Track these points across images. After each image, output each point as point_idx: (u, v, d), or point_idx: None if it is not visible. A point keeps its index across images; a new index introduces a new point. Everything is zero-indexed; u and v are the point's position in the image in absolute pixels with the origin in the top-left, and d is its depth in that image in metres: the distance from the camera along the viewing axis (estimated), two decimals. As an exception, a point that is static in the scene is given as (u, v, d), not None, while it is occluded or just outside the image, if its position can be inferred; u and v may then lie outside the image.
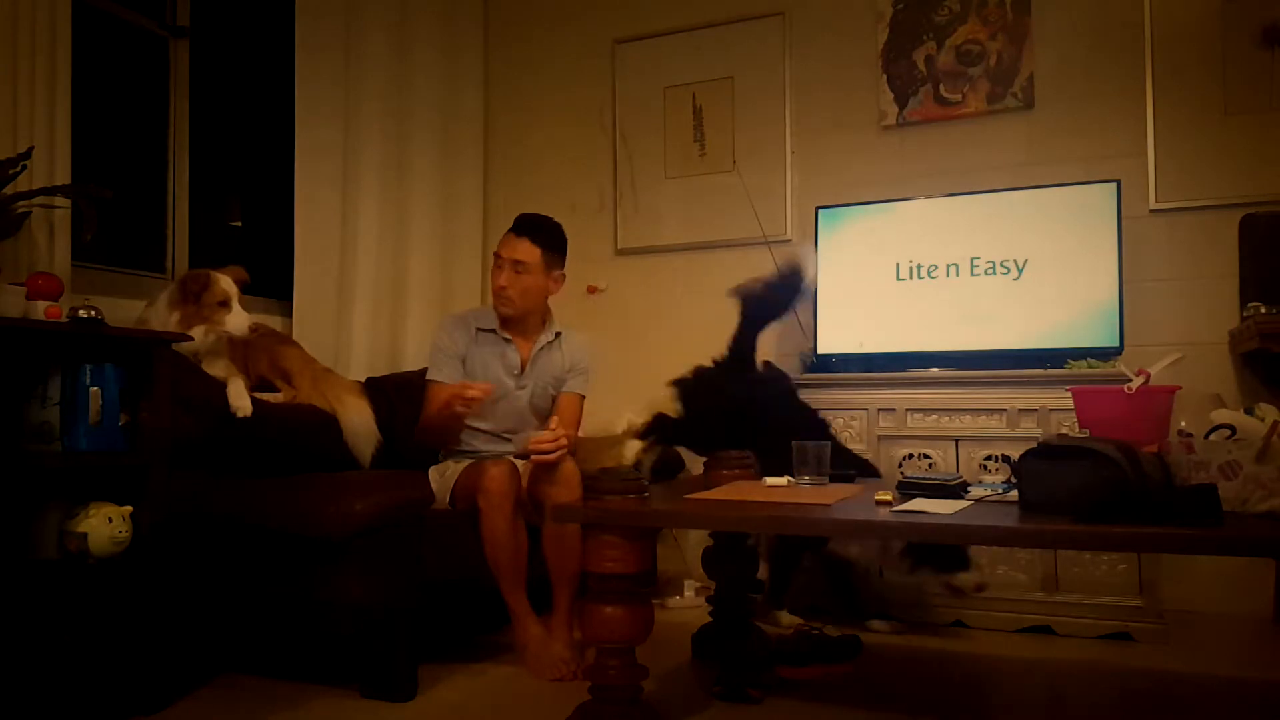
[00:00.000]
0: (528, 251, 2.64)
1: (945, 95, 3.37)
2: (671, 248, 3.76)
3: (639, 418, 3.06)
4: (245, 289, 2.54)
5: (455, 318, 2.75)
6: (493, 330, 2.68)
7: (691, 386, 2.89)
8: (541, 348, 2.71)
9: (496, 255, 2.66)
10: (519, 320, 2.70)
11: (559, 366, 2.74)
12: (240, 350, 2.59)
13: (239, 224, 3.55)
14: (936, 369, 3.01)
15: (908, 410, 2.96)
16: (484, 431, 2.70)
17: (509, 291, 2.64)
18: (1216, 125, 3.03)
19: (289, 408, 2.60)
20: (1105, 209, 2.90)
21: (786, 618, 2.78)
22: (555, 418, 2.54)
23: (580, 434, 2.83)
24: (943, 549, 2.43)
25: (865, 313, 3.16)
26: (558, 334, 2.75)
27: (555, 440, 2.39)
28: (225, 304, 2.39)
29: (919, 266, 3.11)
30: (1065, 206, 2.95)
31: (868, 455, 2.98)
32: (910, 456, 2.94)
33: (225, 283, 2.41)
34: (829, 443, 2.28)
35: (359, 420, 2.69)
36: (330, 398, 2.68)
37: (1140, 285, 3.06)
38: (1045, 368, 2.85)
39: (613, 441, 2.96)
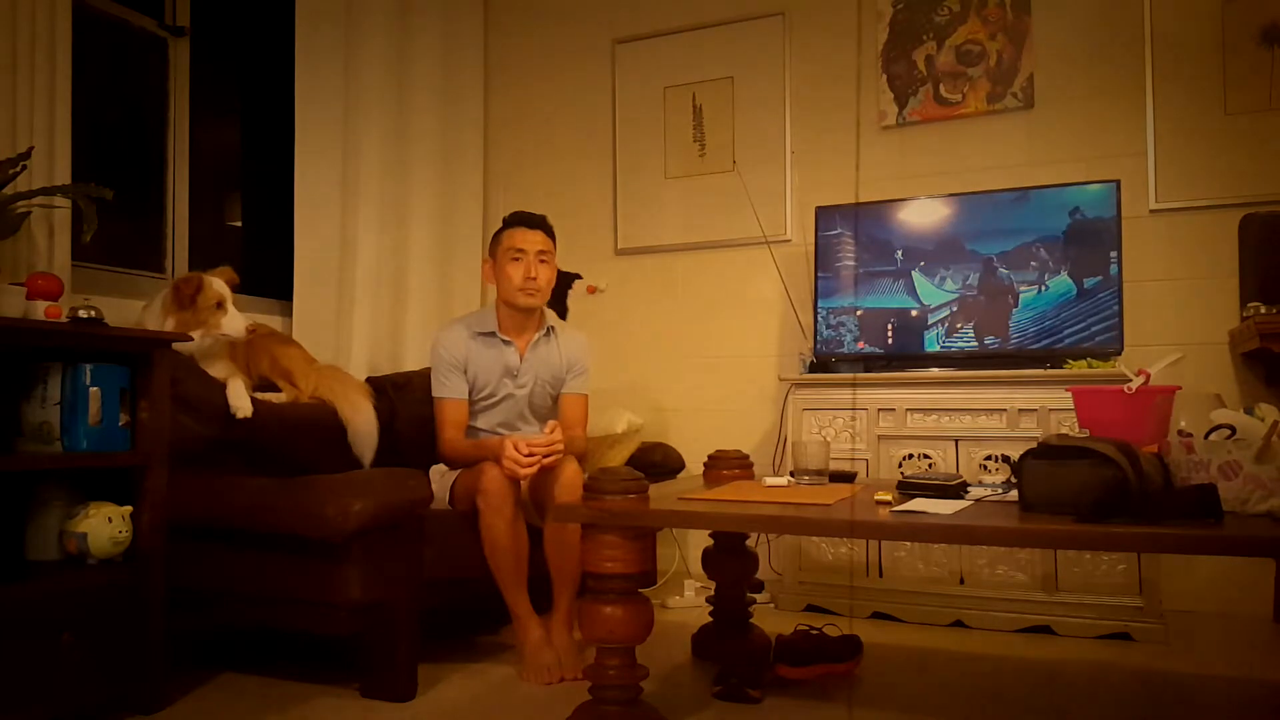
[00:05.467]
0: (546, 242, 2.67)
1: (945, 95, 3.37)
2: (671, 248, 3.76)
3: (639, 418, 3.07)
4: (243, 289, 2.54)
5: (449, 328, 2.72)
6: (491, 333, 2.68)
7: None
8: (536, 343, 2.71)
9: (515, 249, 2.63)
10: (530, 314, 2.70)
11: (556, 365, 2.74)
12: (241, 350, 2.59)
13: (239, 224, 3.55)
14: (936, 369, 3.01)
15: (908, 410, 2.96)
16: (483, 431, 2.70)
17: (540, 282, 2.64)
18: (1216, 125, 3.03)
19: (290, 408, 2.60)
20: (1105, 209, 2.90)
21: None
22: (553, 421, 2.53)
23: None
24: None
25: (865, 312, 3.16)
26: (550, 328, 2.75)
27: (549, 444, 2.38)
28: (221, 306, 2.39)
29: (919, 267, 3.11)
30: (1065, 206, 2.95)
31: (868, 455, 2.99)
32: (910, 456, 2.94)
33: (218, 285, 2.41)
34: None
35: (364, 422, 2.69)
36: (339, 397, 2.68)
37: (1140, 285, 3.06)
38: (1045, 368, 2.85)
39: (613, 441, 2.96)
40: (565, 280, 3.10)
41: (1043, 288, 2.96)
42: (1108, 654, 2.55)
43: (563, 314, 3.02)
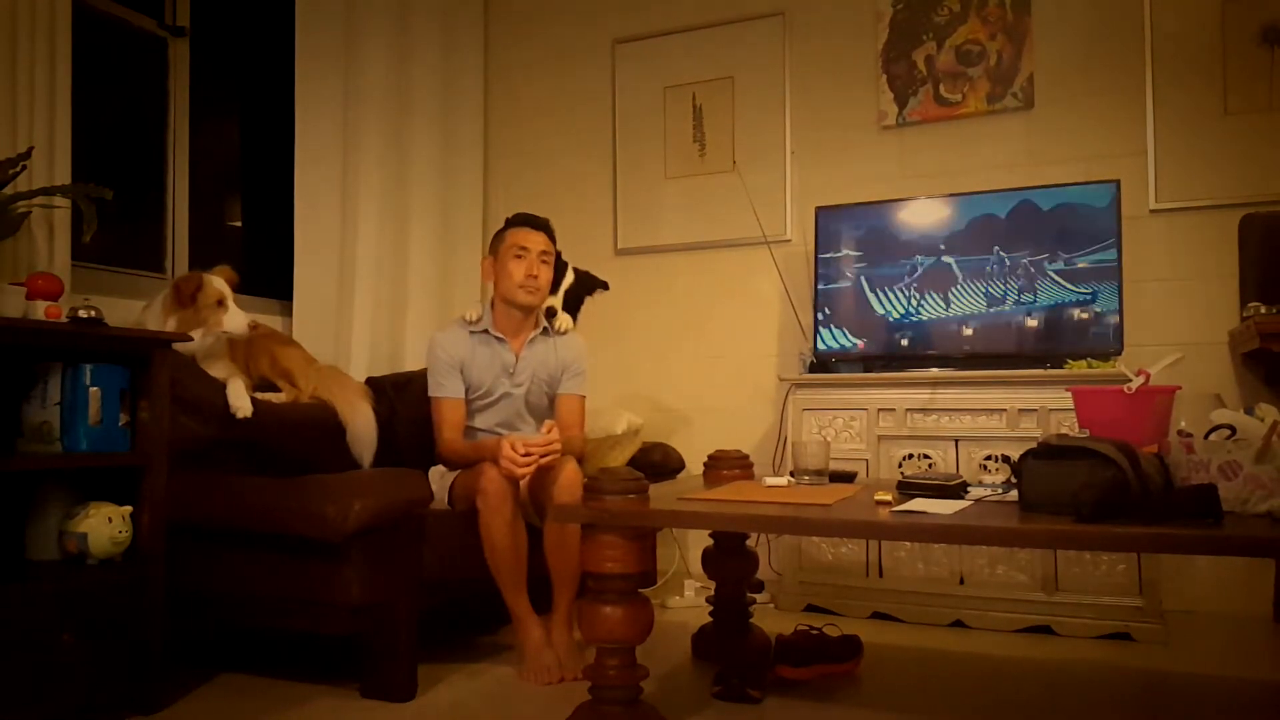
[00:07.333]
0: (548, 244, 2.69)
1: (945, 95, 3.37)
2: (671, 248, 3.75)
3: (639, 418, 3.06)
4: (243, 289, 2.54)
5: (445, 329, 2.73)
6: (486, 331, 2.69)
7: None
8: (533, 341, 2.72)
9: (519, 247, 2.64)
10: (528, 314, 2.70)
11: (552, 365, 2.74)
12: (241, 350, 2.59)
13: (239, 224, 3.55)
14: (936, 369, 3.01)
15: (908, 410, 2.96)
16: (481, 431, 2.69)
17: (540, 281, 2.65)
18: (1216, 125, 3.03)
19: (289, 408, 2.60)
20: (1105, 209, 2.90)
21: None
22: (549, 422, 2.53)
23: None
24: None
25: (865, 313, 3.16)
26: (545, 329, 2.75)
27: (547, 444, 2.38)
28: (222, 304, 2.41)
29: (919, 267, 3.11)
30: (1065, 206, 2.95)
31: (868, 455, 2.99)
32: (910, 456, 2.94)
33: (218, 283, 2.42)
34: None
35: (362, 424, 2.69)
36: (338, 398, 2.68)
37: (1140, 285, 3.06)
38: (1045, 368, 2.85)
39: (613, 443, 2.96)
40: (590, 285, 3.02)
41: (1042, 288, 2.96)
42: (1108, 654, 2.55)
43: (575, 316, 2.94)
